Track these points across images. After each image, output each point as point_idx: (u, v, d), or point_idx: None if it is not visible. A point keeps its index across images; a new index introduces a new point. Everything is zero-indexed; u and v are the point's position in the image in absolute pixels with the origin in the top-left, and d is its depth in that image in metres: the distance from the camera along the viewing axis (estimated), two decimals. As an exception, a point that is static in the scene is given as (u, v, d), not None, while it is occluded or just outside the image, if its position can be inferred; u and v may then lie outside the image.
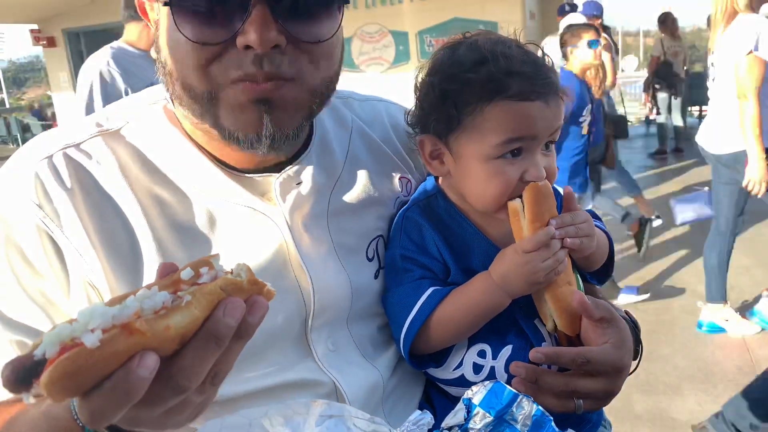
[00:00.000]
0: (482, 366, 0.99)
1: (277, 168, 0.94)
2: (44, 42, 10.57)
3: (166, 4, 0.78)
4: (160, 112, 0.93)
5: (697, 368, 3.55)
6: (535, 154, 0.97)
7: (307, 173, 0.95)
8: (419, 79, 1.03)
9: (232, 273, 0.59)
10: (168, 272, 0.60)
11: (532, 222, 0.93)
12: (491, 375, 0.99)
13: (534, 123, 0.94)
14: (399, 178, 1.09)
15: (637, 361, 1.05)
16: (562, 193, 1.02)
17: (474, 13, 7.82)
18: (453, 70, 0.97)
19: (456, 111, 0.97)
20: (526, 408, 0.78)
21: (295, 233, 0.92)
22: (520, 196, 0.96)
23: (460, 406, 0.80)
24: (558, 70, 1.02)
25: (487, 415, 0.78)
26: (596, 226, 1.08)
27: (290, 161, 0.95)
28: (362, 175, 1.04)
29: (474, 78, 0.94)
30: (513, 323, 1.00)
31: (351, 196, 1.02)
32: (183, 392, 0.57)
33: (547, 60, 1.01)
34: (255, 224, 0.91)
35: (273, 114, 0.81)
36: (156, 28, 0.86)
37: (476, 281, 0.97)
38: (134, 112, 0.94)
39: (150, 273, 0.86)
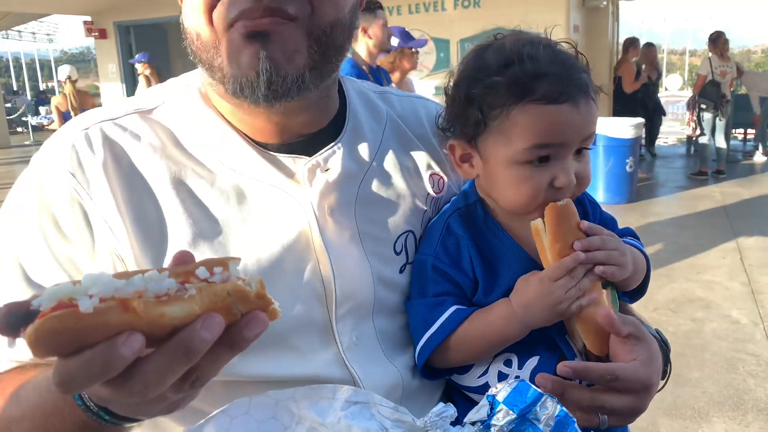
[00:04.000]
0: (507, 375, 0.99)
1: (309, 149, 0.95)
2: (96, 33, 10.90)
3: None
4: (196, 93, 0.95)
5: (728, 395, 3.46)
6: (566, 159, 0.94)
7: (336, 160, 0.95)
8: (449, 84, 1.03)
9: (244, 281, 0.57)
10: (183, 260, 0.59)
11: (553, 243, 0.91)
12: None
13: (562, 127, 0.92)
14: (431, 176, 1.09)
15: (664, 381, 1.02)
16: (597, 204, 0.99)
17: (517, 23, 7.77)
18: (479, 74, 0.96)
19: (482, 115, 0.95)
20: (550, 408, 0.78)
21: (319, 217, 0.92)
22: (543, 216, 0.93)
23: (484, 402, 0.80)
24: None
25: (511, 412, 0.78)
26: (633, 245, 1.07)
27: (320, 144, 0.96)
28: (393, 168, 1.04)
29: (500, 81, 0.93)
30: (543, 335, 0.98)
31: (380, 188, 1.02)
32: (139, 396, 0.54)
33: (580, 59, 0.98)
34: (281, 204, 0.92)
35: (268, 49, 0.80)
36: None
37: (497, 308, 0.96)
38: (171, 93, 0.97)
39: (175, 248, 0.86)
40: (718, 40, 9.09)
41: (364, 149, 1.01)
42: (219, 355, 0.56)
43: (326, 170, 0.95)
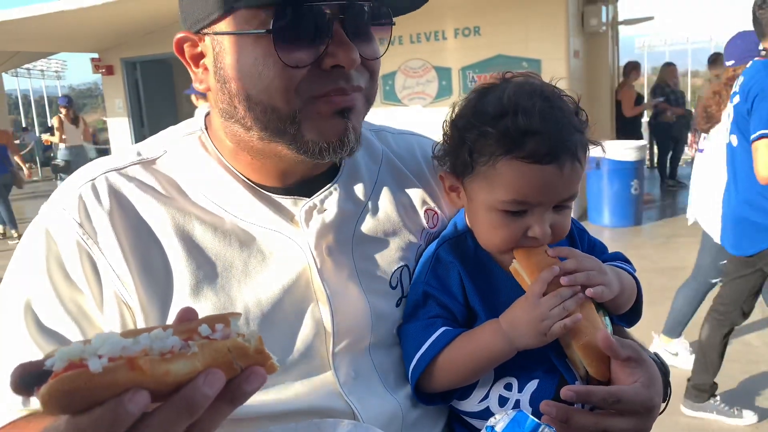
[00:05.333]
0: (508, 399, 0.99)
1: (307, 190, 0.99)
2: (103, 70, 11.09)
3: (269, 31, 0.83)
4: (196, 142, 1.00)
5: (742, 419, 3.40)
6: (543, 213, 0.97)
7: (332, 201, 0.99)
8: (449, 118, 1.06)
9: (244, 337, 0.60)
10: (187, 317, 0.62)
11: (531, 277, 0.95)
12: (516, 408, 0.98)
13: (542, 188, 0.95)
14: (426, 211, 1.13)
15: (665, 403, 1.03)
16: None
17: (518, 50, 7.88)
18: (474, 120, 0.99)
19: (471, 159, 0.99)
20: (549, 439, 0.78)
21: (317, 258, 0.95)
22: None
23: (484, 433, 0.80)
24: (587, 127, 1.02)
25: (510, 444, 0.78)
26: (622, 268, 1.08)
27: (318, 185, 1.00)
28: (389, 206, 1.07)
29: (491, 132, 0.95)
30: (543, 360, 1.00)
31: (376, 226, 1.05)
32: None
33: (580, 116, 1.00)
34: (282, 247, 0.95)
35: (351, 120, 0.91)
36: (202, 63, 0.93)
37: (485, 325, 0.98)
38: (171, 142, 1.01)
39: (181, 294, 0.90)
40: (717, 62, 9.16)
41: (360, 188, 1.04)
42: (219, 409, 0.59)
43: (323, 211, 0.98)
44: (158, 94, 11.59)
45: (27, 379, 0.53)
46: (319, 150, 0.90)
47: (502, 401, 0.99)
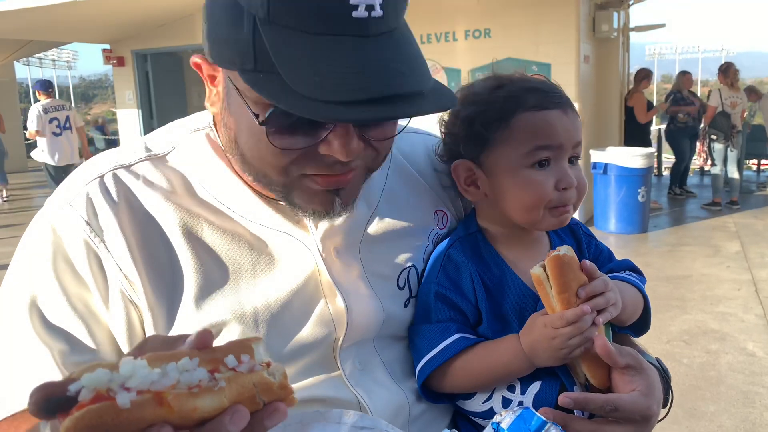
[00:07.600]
0: (511, 400, 1.00)
1: None
2: (114, 61, 11.12)
3: (262, 123, 0.79)
4: (204, 140, 0.97)
5: (744, 430, 3.39)
6: (563, 163, 1.01)
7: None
8: (444, 116, 1.09)
9: (269, 368, 0.61)
10: (204, 340, 0.61)
11: (559, 293, 0.92)
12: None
13: (556, 130, 1.01)
14: (435, 212, 1.12)
15: (667, 410, 1.03)
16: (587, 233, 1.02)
17: (528, 54, 7.86)
18: (475, 98, 1.06)
19: (484, 129, 1.02)
20: (555, 437, 0.78)
21: (326, 260, 0.95)
22: (543, 265, 0.94)
23: (489, 429, 0.81)
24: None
25: (516, 441, 0.78)
26: (628, 280, 1.08)
27: None
28: (398, 208, 1.07)
29: (495, 98, 1.03)
30: None
31: (385, 228, 1.05)
32: None
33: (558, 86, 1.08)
34: (289, 249, 0.95)
35: (341, 197, 0.88)
36: (225, 101, 0.86)
37: (506, 342, 0.99)
38: (180, 138, 0.99)
39: (189, 295, 0.89)
40: (728, 71, 9.12)
41: (368, 192, 1.03)
42: None
43: None
44: (168, 87, 11.61)
45: (49, 405, 0.52)
46: (302, 212, 0.89)
47: (506, 402, 1.00)
